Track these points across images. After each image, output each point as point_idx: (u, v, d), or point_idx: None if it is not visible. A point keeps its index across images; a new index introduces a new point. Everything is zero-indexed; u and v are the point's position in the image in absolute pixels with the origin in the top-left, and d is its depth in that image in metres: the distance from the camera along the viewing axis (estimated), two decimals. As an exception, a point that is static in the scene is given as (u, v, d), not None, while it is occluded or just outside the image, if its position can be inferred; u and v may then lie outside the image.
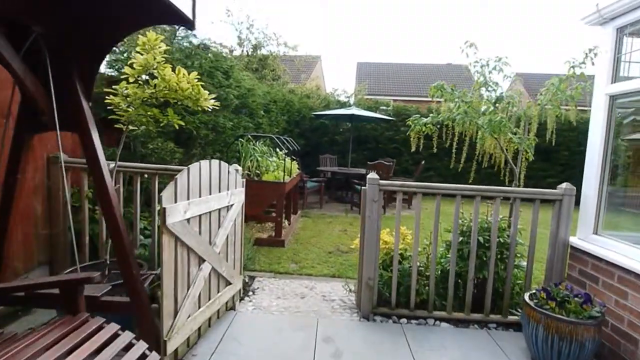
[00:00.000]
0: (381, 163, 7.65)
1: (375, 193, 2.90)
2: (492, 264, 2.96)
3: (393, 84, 25.41)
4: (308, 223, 6.58)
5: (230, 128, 5.43)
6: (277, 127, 8.79)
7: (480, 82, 3.51)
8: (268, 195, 4.84)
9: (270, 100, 8.21)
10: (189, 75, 2.38)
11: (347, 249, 5.04)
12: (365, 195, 2.94)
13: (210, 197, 2.40)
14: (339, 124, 11.49)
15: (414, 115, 3.92)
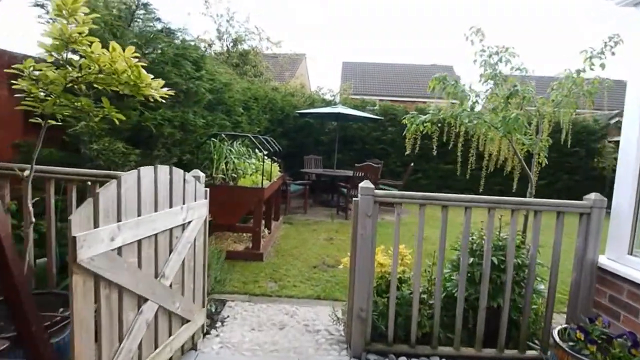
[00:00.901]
0: (369, 165, 7.15)
1: (369, 206, 2.37)
2: (508, 289, 2.47)
3: (378, 83, 25.08)
4: (291, 231, 6.01)
5: (203, 126, 4.83)
6: (258, 126, 8.18)
7: (488, 74, 3.02)
8: (244, 202, 4.26)
9: (250, 97, 7.60)
10: (124, 53, 1.78)
11: (334, 262, 4.51)
12: (357, 208, 2.41)
13: (156, 215, 1.82)
14: (324, 123, 10.96)
15: (411, 112, 3.40)
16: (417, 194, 2.44)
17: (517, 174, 3.87)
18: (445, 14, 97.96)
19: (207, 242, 2.51)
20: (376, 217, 2.43)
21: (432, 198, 2.43)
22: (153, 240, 1.83)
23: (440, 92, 3.13)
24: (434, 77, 3.15)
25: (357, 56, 50.03)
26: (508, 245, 2.49)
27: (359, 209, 2.38)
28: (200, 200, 2.32)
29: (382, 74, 26.70)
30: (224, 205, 4.20)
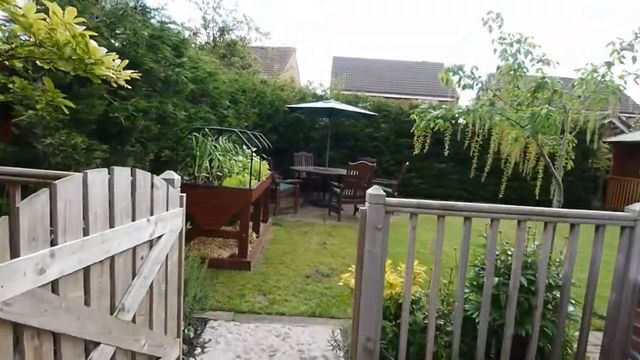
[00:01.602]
0: (363, 163, 6.78)
1: (380, 217, 1.98)
2: (538, 314, 2.12)
3: (369, 80, 24.71)
4: (280, 234, 5.59)
5: (184, 119, 4.36)
6: (246, 121, 7.72)
7: (510, 65, 2.65)
8: (230, 204, 3.82)
9: (238, 89, 7.13)
10: (64, 17, 1.32)
11: (328, 271, 4.12)
12: (364, 219, 2.01)
13: (111, 233, 1.39)
14: (315, 118, 10.54)
15: (421, 107, 3.01)
16: (436, 203, 2.05)
17: (540, 178, 3.54)
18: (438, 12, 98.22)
19: (183, 258, 2.08)
20: (387, 229, 2.04)
21: (453, 208, 2.05)
22: (107, 266, 1.40)
23: (454, 84, 2.76)
24: (447, 68, 2.78)
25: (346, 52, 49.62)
26: (539, 263, 2.13)
27: (367, 221, 1.99)
28: (173, 209, 1.89)
29: (372, 70, 26.34)
30: (207, 208, 3.77)
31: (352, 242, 5.38)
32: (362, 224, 2.03)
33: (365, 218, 1.99)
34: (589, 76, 2.69)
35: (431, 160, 10.85)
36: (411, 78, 25.73)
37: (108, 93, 2.91)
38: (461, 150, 11.01)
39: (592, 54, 18.83)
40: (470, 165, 11.06)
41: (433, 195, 10.91)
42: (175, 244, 1.93)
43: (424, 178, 10.90)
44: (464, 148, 10.97)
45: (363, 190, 6.96)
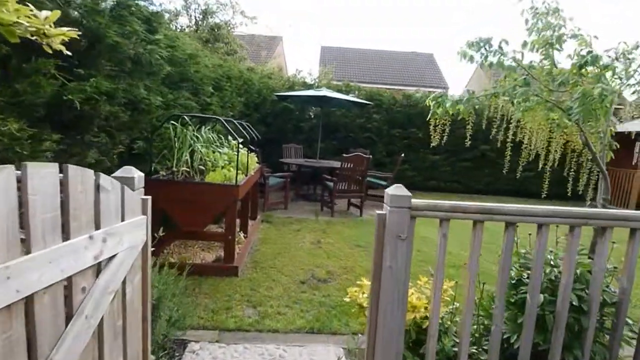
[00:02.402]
0: (358, 155, 6.36)
1: (404, 224, 1.55)
2: (589, 337, 1.74)
3: (358, 70, 24.22)
4: (270, 232, 5.14)
5: (161, 106, 3.85)
6: (231, 110, 7.19)
7: (546, 38, 2.24)
8: (213, 203, 3.35)
9: (222, 75, 6.58)
10: None
11: (326, 275, 3.70)
12: (382, 226, 1.58)
13: (24, 263, 0.92)
14: (305, 108, 10.04)
15: (438, 91, 2.57)
16: (472, 206, 1.63)
17: (572, 171, 3.16)
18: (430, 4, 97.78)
19: (151, 275, 1.62)
20: (412, 239, 1.62)
21: (494, 211, 1.63)
22: (20, 312, 0.94)
23: (478, 62, 2.33)
24: (469, 42, 2.34)
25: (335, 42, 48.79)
26: (593, 277, 1.74)
27: (386, 228, 1.56)
28: (133, 218, 1.42)
29: (361, 60, 25.86)
30: (187, 207, 3.29)
31: (348, 240, 4.98)
32: (380, 232, 1.60)
33: (384, 225, 1.57)
34: (631, 55, 2.31)
35: (424, 151, 10.52)
36: (400, 69, 25.35)
37: (60, 71, 2.38)
38: (454, 141, 10.77)
39: (605, 37, 18.57)
40: (462, 157, 10.86)
41: (426, 188, 10.60)
42: (137, 263, 1.47)
43: (417, 170, 10.57)
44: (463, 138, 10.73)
45: (358, 183, 6.55)
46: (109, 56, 3.01)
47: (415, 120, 10.39)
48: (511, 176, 10.91)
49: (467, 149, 10.99)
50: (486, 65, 2.33)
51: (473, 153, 10.67)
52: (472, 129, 4.73)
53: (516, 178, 10.96)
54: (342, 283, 3.52)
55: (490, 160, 10.77)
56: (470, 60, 2.40)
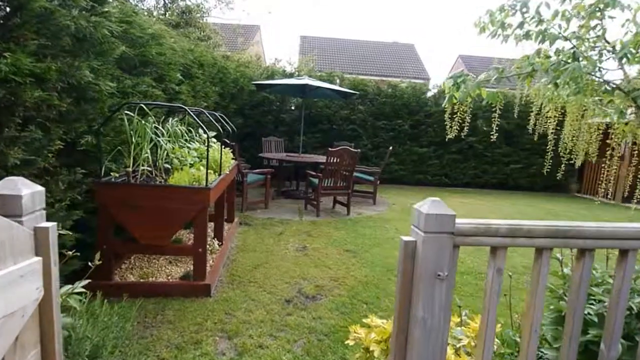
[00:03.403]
0: (346, 149, 5.85)
1: (444, 256, 1.05)
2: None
3: (340, 60, 23.69)
4: (250, 237, 4.59)
5: (116, 94, 3.22)
6: (205, 100, 6.54)
7: (596, 1, 1.77)
8: (178, 211, 2.76)
9: (194, 61, 5.91)
10: None
11: (314, 290, 3.20)
12: (410, 258, 1.08)
13: None
14: (285, 99, 9.45)
15: (457, 71, 2.07)
16: (539, 227, 1.14)
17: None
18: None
19: (59, 349, 1.06)
20: (454, 276, 1.12)
21: (567, 235, 1.14)
22: None
23: (506, 34, 1.85)
24: (501, 7, 1.85)
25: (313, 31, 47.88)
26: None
27: (418, 263, 1.06)
28: (14, 266, 0.86)
29: (342, 50, 25.33)
30: (145, 217, 2.70)
31: (336, 244, 4.49)
32: (407, 267, 1.09)
33: (414, 258, 1.06)
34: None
35: (411, 144, 10.14)
36: (382, 59, 24.97)
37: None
38: (441, 133, 10.44)
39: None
40: (450, 149, 10.55)
41: (413, 182, 10.26)
42: (30, 334, 0.91)
43: (404, 164, 10.20)
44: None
45: (345, 179, 6.07)
46: (39, 27, 2.37)
47: (401, 112, 9.99)
48: (494, 169, 10.79)
49: (454, 141, 10.63)
50: (520, 36, 1.86)
51: (460, 145, 10.38)
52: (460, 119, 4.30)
53: (500, 171, 10.85)
54: (334, 300, 3.03)
55: (477, 153, 10.52)
56: (495, 34, 1.92)
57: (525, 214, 7.36)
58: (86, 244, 2.92)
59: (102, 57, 3.01)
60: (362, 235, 4.98)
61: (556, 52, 1.89)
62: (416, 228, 1.07)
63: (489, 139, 10.47)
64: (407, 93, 10.01)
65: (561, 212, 8.00)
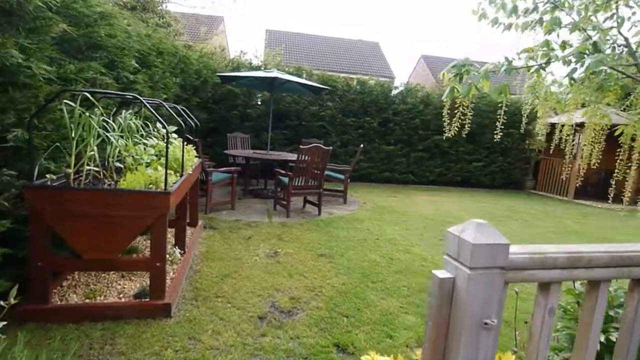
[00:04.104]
0: (318, 146, 5.57)
1: (493, 298, 0.80)
2: None
3: (306, 55, 23.33)
4: (215, 242, 4.20)
5: (56, 80, 2.74)
6: (165, 92, 5.99)
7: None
8: (130, 220, 2.35)
9: (151, 48, 5.37)
10: None
11: (290, 303, 2.90)
12: (447, 299, 0.81)
13: None
14: (252, 93, 9.00)
15: (458, 59, 1.84)
16: (600, 254, 0.91)
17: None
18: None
19: None
20: (500, 323, 0.86)
21: (635, 261, 0.93)
22: None
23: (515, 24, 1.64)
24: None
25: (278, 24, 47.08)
26: None
27: (457, 306, 0.80)
28: None
29: (308, 45, 24.99)
30: (93, 227, 2.27)
31: (310, 249, 4.22)
32: (442, 312, 0.83)
33: (454, 300, 0.80)
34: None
35: (380, 142, 10.07)
36: (348, 56, 24.92)
37: None
38: (408, 131, 10.46)
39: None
40: (416, 147, 10.60)
41: (381, 180, 10.21)
42: None
43: (372, 162, 10.11)
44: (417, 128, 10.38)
45: (316, 178, 5.80)
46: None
47: (369, 109, 9.87)
48: (458, 167, 11.00)
49: (421, 139, 10.80)
50: (528, 24, 1.66)
51: (426, 144, 10.47)
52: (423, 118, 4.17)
53: (464, 168, 11.08)
54: (312, 314, 2.75)
55: (442, 151, 10.65)
56: (497, 22, 1.72)
57: (489, 212, 7.48)
58: (17, 260, 2.44)
59: (35, 34, 2.52)
60: (336, 237, 4.74)
61: (562, 44, 1.72)
62: (455, 261, 0.80)
63: (454, 138, 10.74)
64: (376, 90, 9.91)
65: (522, 209, 8.23)
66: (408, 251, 4.43)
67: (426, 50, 67.00)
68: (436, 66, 25.55)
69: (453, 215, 6.74)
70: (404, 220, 5.99)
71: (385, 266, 3.88)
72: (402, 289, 3.35)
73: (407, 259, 4.14)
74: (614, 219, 7.97)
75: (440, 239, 5.10)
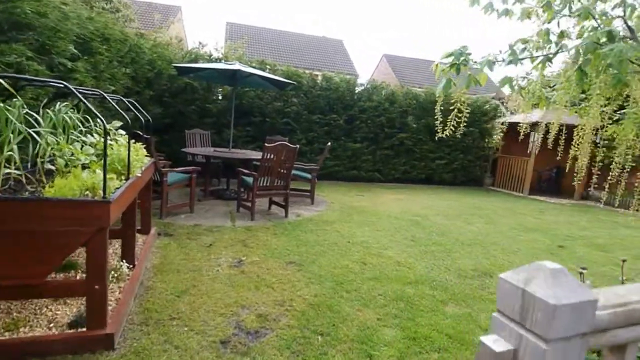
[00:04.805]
0: (284, 145, 5.24)
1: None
2: None
3: (269, 50, 22.79)
4: (171, 252, 3.76)
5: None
6: (112, 84, 5.41)
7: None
8: (61, 235, 1.92)
9: (95, 33, 4.77)
10: None
11: (257, 322, 2.57)
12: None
13: None
14: (212, 87, 8.48)
15: (456, 48, 1.60)
16: None
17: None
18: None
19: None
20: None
21: None
22: None
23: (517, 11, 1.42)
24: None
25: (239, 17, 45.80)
26: None
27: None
28: None
29: (271, 40, 24.44)
30: (10, 246, 1.82)
31: (277, 255, 3.90)
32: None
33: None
34: None
35: (346, 140, 9.90)
36: (311, 52, 24.66)
37: None
38: (374, 129, 10.38)
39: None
40: (382, 145, 10.55)
41: (348, 178, 10.06)
42: None
43: (339, 159, 9.92)
44: (382, 126, 10.30)
45: (283, 178, 5.47)
46: None
47: (336, 106, 9.66)
48: (422, 165, 11.11)
49: (386, 137, 10.77)
50: (533, 10, 1.47)
51: (391, 141, 10.44)
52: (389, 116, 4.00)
53: (428, 166, 11.21)
54: (283, 334, 2.45)
55: (407, 149, 10.69)
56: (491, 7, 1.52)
57: (456, 209, 7.52)
58: None
59: None
60: (305, 242, 4.45)
61: (560, 34, 1.55)
62: (517, 325, 0.54)
63: (418, 136, 10.82)
64: (342, 87, 9.71)
65: (484, 206, 8.39)
66: (381, 255, 4.23)
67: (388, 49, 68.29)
68: (398, 65, 25.95)
69: (422, 214, 6.68)
70: (374, 221, 5.82)
71: (359, 272, 3.66)
72: (378, 298, 3.13)
73: (380, 264, 3.94)
74: (566, 214, 8.33)
75: (412, 239, 4.97)
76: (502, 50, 1.75)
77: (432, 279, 3.65)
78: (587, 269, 1.48)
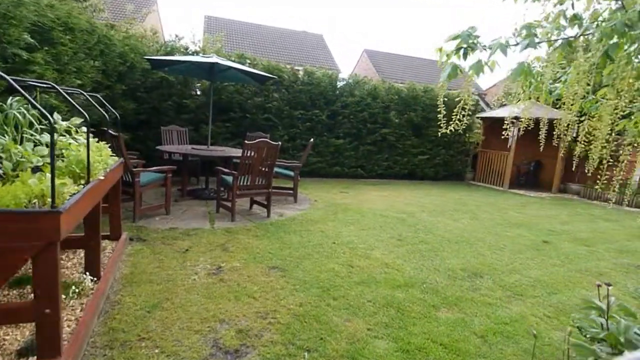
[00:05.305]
0: (265, 141, 4.98)
1: None
2: None
3: (249, 44, 22.26)
4: (143, 259, 3.47)
5: None
6: (78, 78, 5.01)
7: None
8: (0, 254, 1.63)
9: (56, 22, 4.38)
10: None
11: (237, 339, 2.34)
12: None
13: None
14: (189, 81, 8.10)
15: (462, 30, 1.40)
16: None
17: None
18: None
19: None
20: None
21: None
22: None
23: None
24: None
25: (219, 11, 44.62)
26: None
27: None
28: None
29: (250, 34, 23.87)
30: None
31: (259, 259, 3.67)
32: None
33: None
34: None
35: (329, 136, 9.69)
36: (292, 47, 24.24)
37: None
38: (357, 125, 10.21)
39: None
40: (365, 141, 10.40)
41: (331, 175, 9.87)
42: None
43: (321, 156, 9.72)
44: (364, 121, 10.13)
45: (264, 176, 5.22)
46: None
47: (318, 101, 9.43)
48: (404, 160, 11.04)
49: (369, 132, 10.61)
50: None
51: (374, 137, 10.31)
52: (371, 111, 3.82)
53: (410, 162, 11.15)
54: (265, 351, 2.23)
55: (390, 145, 10.58)
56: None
57: (440, 205, 7.44)
58: None
59: None
60: (289, 244, 4.23)
61: (572, 18, 1.37)
62: None
63: (401, 131, 10.72)
64: (324, 82, 9.48)
65: (467, 201, 8.36)
66: (368, 256, 4.05)
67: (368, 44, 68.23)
68: (379, 60, 25.84)
69: (407, 211, 6.55)
70: (359, 220, 5.64)
71: (346, 276, 3.46)
72: (367, 305, 2.95)
73: (367, 266, 3.77)
74: (547, 208, 8.40)
75: (398, 239, 4.81)
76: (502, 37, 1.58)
77: (422, 281, 3.50)
78: (612, 285, 1.33)
